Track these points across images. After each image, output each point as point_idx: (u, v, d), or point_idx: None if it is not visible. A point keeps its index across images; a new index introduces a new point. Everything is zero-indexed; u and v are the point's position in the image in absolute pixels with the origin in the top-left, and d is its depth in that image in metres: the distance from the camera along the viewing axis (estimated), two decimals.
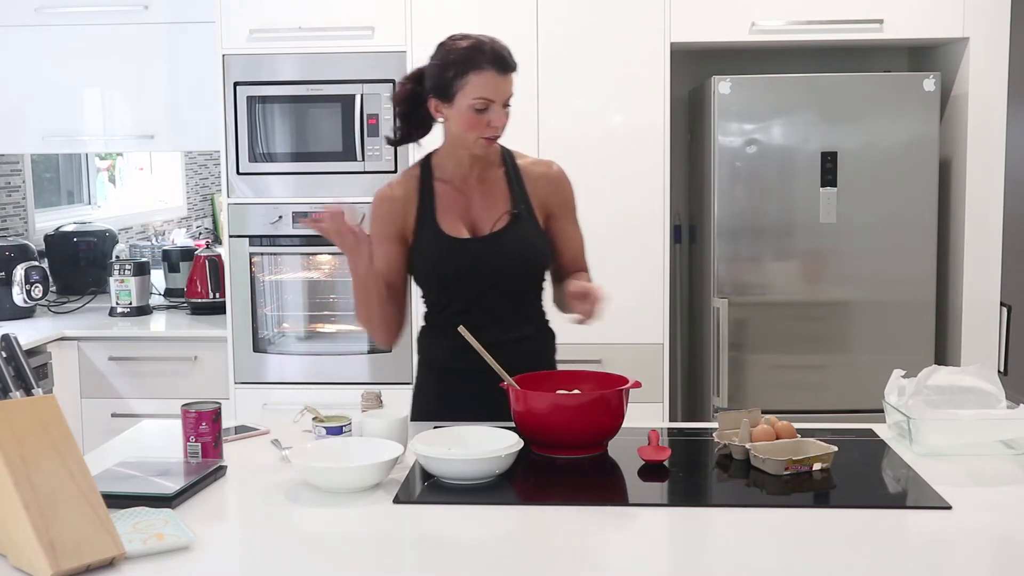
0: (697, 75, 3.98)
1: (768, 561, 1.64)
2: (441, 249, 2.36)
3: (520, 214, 2.37)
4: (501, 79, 2.26)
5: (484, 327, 2.32)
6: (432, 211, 2.37)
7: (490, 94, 2.25)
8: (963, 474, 2.00)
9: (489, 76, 2.25)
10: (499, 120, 2.28)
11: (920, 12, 3.60)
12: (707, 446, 2.23)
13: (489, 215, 2.38)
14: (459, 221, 2.37)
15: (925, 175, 3.61)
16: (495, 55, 2.26)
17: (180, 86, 3.97)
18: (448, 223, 2.36)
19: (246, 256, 3.77)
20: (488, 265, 2.35)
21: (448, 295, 2.40)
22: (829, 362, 3.70)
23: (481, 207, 2.38)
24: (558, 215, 2.44)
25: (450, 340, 2.31)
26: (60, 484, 1.58)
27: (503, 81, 2.26)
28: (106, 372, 3.82)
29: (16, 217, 4.42)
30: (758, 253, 3.67)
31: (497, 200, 2.39)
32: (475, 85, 2.25)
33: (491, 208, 2.38)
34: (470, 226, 2.38)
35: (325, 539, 1.74)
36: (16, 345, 1.92)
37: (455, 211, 2.38)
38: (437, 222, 2.36)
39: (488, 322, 2.35)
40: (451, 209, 2.38)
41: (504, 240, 2.36)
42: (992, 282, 3.63)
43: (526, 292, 2.43)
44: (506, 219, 2.37)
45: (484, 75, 2.25)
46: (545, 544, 1.73)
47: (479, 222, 2.38)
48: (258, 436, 2.31)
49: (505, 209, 2.37)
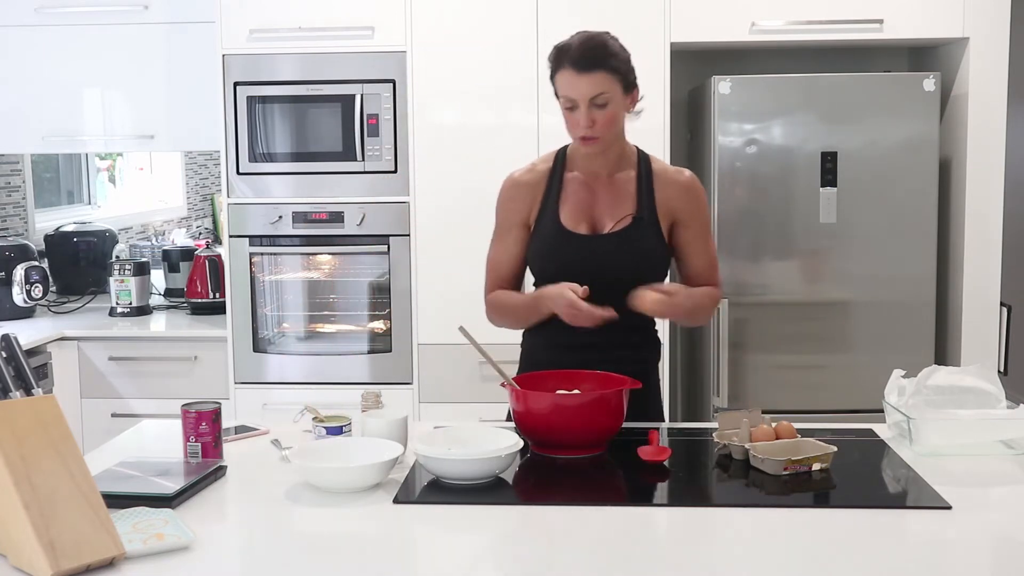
0: (697, 75, 3.98)
1: (768, 561, 1.64)
2: (555, 240, 2.35)
3: (643, 218, 2.34)
4: (580, 78, 2.23)
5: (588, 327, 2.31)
6: (556, 202, 2.36)
7: (571, 93, 2.24)
8: (963, 474, 2.00)
9: (568, 76, 2.24)
10: (585, 119, 2.24)
11: (920, 12, 3.60)
12: (707, 446, 2.23)
13: (612, 215, 2.35)
14: (581, 216, 2.35)
15: (925, 175, 3.61)
16: (575, 53, 2.23)
17: (180, 86, 3.97)
18: (569, 216, 2.35)
19: (246, 256, 3.77)
20: (600, 264, 2.32)
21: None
22: (829, 362, 3.70)
23: (605, 206, 2.36)
24: (686, 225, 2.39)
25: (554, 334, 2.32)
26: (60, 484, 1.58)
27: (583, 80, 2.22)
28: (106, 372, 3.82)
29: (16, 217, 4.42)
30: (758, 253, 3.67)
31: (623, 201, 2.36)
32: (559, 85, 2.27)
33: (615, 208, 2.36)
34: (592, 223, 2.36)
35: (325, 539, 1.74)
36: (16, 345, 1.92)
37: (579, 206, 2.36)
38: (558, 213, 2.35)
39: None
40: (575, 203, 2.36)
41: (622, 242, 2.33)
42: (992, 282, 3.63)
43: None
44: (628, 221, 2.34)
45: (564, 75, 2.25)
46: (545, 544, 1.73)
47: (601, 220, 2.36)
48: (258, 436, 2.31)
49: (629, 211, 2.35)
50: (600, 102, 2.24)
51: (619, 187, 2.37)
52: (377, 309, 3.79)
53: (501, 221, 2.43)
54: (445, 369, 3.69)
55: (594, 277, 2.29)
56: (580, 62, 2.23)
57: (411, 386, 3.75)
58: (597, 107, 2.24)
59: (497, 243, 2.44)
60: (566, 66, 2.24)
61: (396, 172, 3.70)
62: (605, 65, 2.24)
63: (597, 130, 2.26)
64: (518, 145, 3.55)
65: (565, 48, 2.26)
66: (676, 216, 2.38)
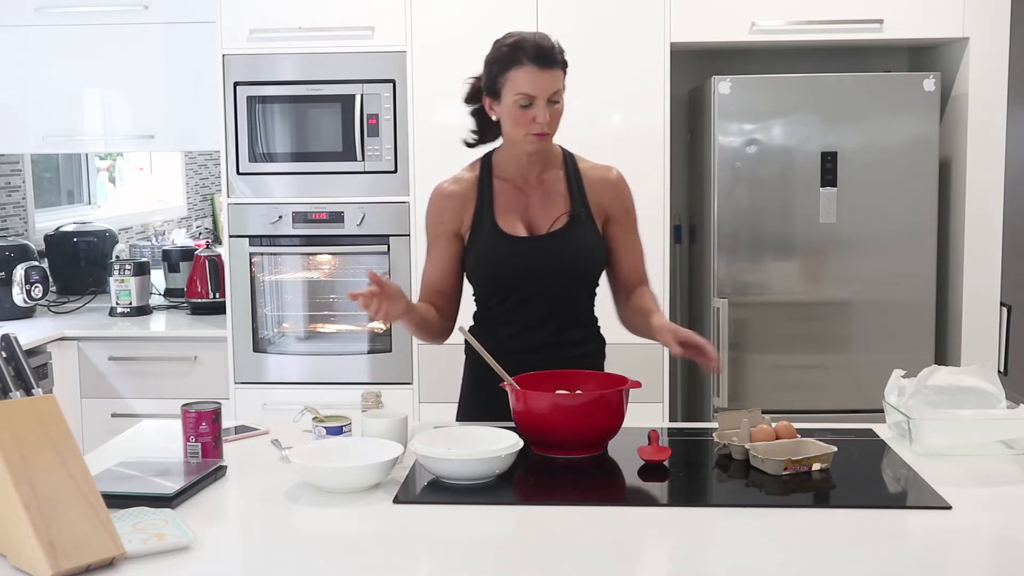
0: (697, 75, 3.98)
1: (768, 561, 1.64)
2: (498, 246, 2.35)
3: (579, 216, 2.36)
4: (542, 74, 2.24)
5: (534, 328, 2.34)
6: (491, 209, 2.36)
7: (531, 89, 2.24)
8: (963, 474, 2.00)
9: (529, 71, 2.24)
10: (543, 116, 2.25)
11: (920, 12, 3.60)
12: (707, 446, 2.23)
13: (547, 215, 2.36)
14: (517, 220, 2.36)
15: (925, 175, 3.61)
16: (536, 50, 2.24)
17: (180, 86, 3.97)
18: (506, 221, 2.35)
19: (246, 256, 3.77)
20: (543, 264, 2.33)
21: (501, 293, 2.39)
22: (829, 362, 3.70)
23: (539, 207, 2.37)
24: (617, 221, 2.41)
25: (498, 340, 2.33)
26: (60, 484, 1.58)
27: (545, 76, 2.24)
28: (106, 372, 3.82)
29: (16, 217, 4.42)
30: (758, 253, 3.67)
31: (556, 201, 2.37)
32: (515, 81, 2.25)
33: (549, 209, 2.36)
34: (527, 226, 2.36)
35: (325, 539, 1.74)
36: (16, 345, 1.92)
37: (513, 210, 2.37)
38: (495, 219, 2.36)
39: (538, 323, 2.36)
40: (509, 208, 2.37)
41: (561, 241, 2.34)
42: (992, 282, 3.63)
43: (579, 296, 2.41)
44: (564, 220, 2.35)
45: (524, 70, 2.24)
46: (545, 544, 1.72)
47: (537, 222, 2.36)
48: (258, 436, 2.31)
49: (563, 210, 2.36)
50: (556, 99, 2.27)
51: (549, 187, 2.38)
52: None
53: (429, 233, 2.43)
54: (445, 369, 3.67)
55: (536, 278, 2.33)
56: (541, 58, 2.24)
57: (411, 386, 3.75)
58: (550, 105, 2.26)
59: (428, 255, 2.44)
60: (525, 62, 2.24)
61: (396, 172, 3.70)
62: (560, 63, 2.28)
63: (550, 125, 2.28)
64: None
65: (521, 44, 2.26)
66: (608, 213, 2.40)
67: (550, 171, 2.40)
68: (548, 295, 2.36)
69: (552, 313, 2.37)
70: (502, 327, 2.38)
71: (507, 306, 2.38)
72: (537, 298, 2.36)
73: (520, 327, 2.37)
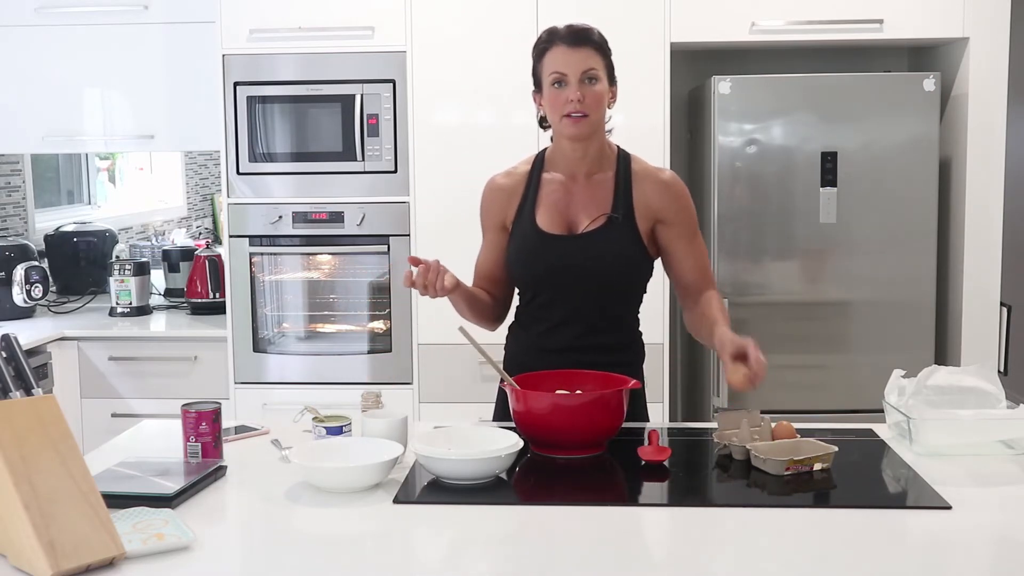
0: (697, 75, 3.98)
1: (768, 561, 1.64)
2: (529, 242, 2.34)
3: (617, 218, 2.32)
4: (572, 52, 2.24)
5: (560, 328, 2.33)
6: (533, 204, 2.36)
7: (561, 67, 2.24)
8: (963, 474, 2.00)
9: (560, 51, 2.25)
10: (574, 93, 2.24)
11: (920, 12, 3.60)
12: (707, 446, 2.23)
13: (588, 215, 2.34)
14: (558, 217, 2.34)
15: (925, 175, 3.61)
16: (567, 30, 2.27)
17: (180, 86, 3.97)
18: (545, 218, 2.34)
19: (246, 256, 3.77)
20: (569, 264, 2.31)
21: (531, 290, 2.39)
22: (829, 362, 3.70)
23: (583, 206, 2.35)
24: (669, 224, 2.35)
25: (530, 337, 2.33)
26: (60, 484, 1.58)
27: (575, 54, 2.24)
28: (106, 372, 3.82)
29: (16, 217, 4.42)
30: (758, 253, 3.67)
31: (599, 201, 2.34)
32: (548, 63, 2.27)
33: (591, 208, 2.34)
34: (568, 224, 2.35)
35: (325, 539, 1.74)
36: (16, 345, 1.92)
37: (556, 207, 2.35)
38: (534, 215, 2.35)
39: (569, 322, 2.34)
40: (552, 204, 2.35)
41: (595, 242, 2.32)
42: (992, 282, 3.63)
43: (614, 299, 2.38)
44: (602, 220, 2.32)
45: (555, 51, 2.26)
46: (545, 544, 1.72)
47: (577, 220, 2.35)
48: (258, 436, 2.31)
49: (605, 211, 2.33)
50: (591, 76, 2.25)
51: (596, 187, 2.36)
52: (377, 309, 3.79)
53: (482, 224, 2.46)
54: (445, 369, 3.70)
55: (561, 278, 2.32)
56: (571, 38, 2.26)
57: (411, 386, 3.75)
58: (586, 84, 2.25)
59: (482, 243, 2.46)
60: (557, 43, 2.26)
61: (396, 172, 3.70)
62: (593, 43, 2.28)
63: (587, 106, 2.25)
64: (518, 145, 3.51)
65: (554, 30, 2.29)
66: (657, 215, 2.35)
67: (601, 171, 2.37)
68: (579, 296, 2.32)
69: (577, 315, 2.35)
70: (534, 324, 2.39)
71: (538, 303, 2.38)
72: (564, 298, 2.34)
73: (548, 325, 2.36)
